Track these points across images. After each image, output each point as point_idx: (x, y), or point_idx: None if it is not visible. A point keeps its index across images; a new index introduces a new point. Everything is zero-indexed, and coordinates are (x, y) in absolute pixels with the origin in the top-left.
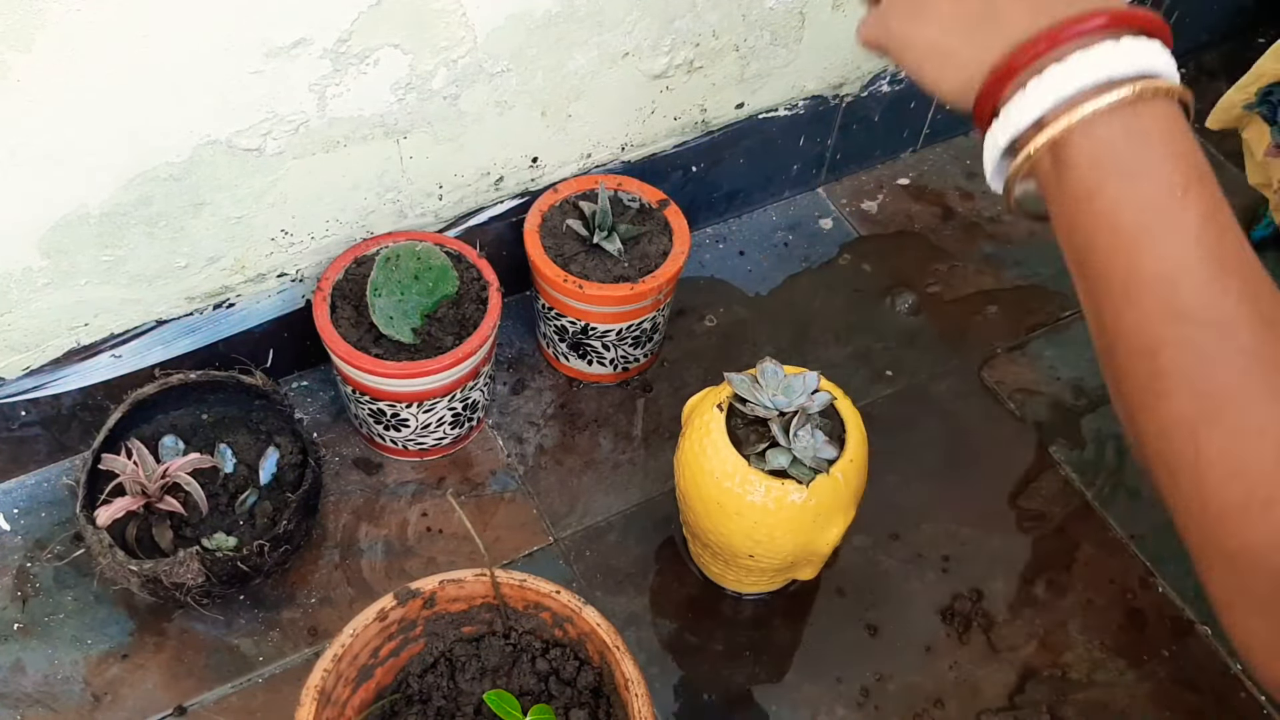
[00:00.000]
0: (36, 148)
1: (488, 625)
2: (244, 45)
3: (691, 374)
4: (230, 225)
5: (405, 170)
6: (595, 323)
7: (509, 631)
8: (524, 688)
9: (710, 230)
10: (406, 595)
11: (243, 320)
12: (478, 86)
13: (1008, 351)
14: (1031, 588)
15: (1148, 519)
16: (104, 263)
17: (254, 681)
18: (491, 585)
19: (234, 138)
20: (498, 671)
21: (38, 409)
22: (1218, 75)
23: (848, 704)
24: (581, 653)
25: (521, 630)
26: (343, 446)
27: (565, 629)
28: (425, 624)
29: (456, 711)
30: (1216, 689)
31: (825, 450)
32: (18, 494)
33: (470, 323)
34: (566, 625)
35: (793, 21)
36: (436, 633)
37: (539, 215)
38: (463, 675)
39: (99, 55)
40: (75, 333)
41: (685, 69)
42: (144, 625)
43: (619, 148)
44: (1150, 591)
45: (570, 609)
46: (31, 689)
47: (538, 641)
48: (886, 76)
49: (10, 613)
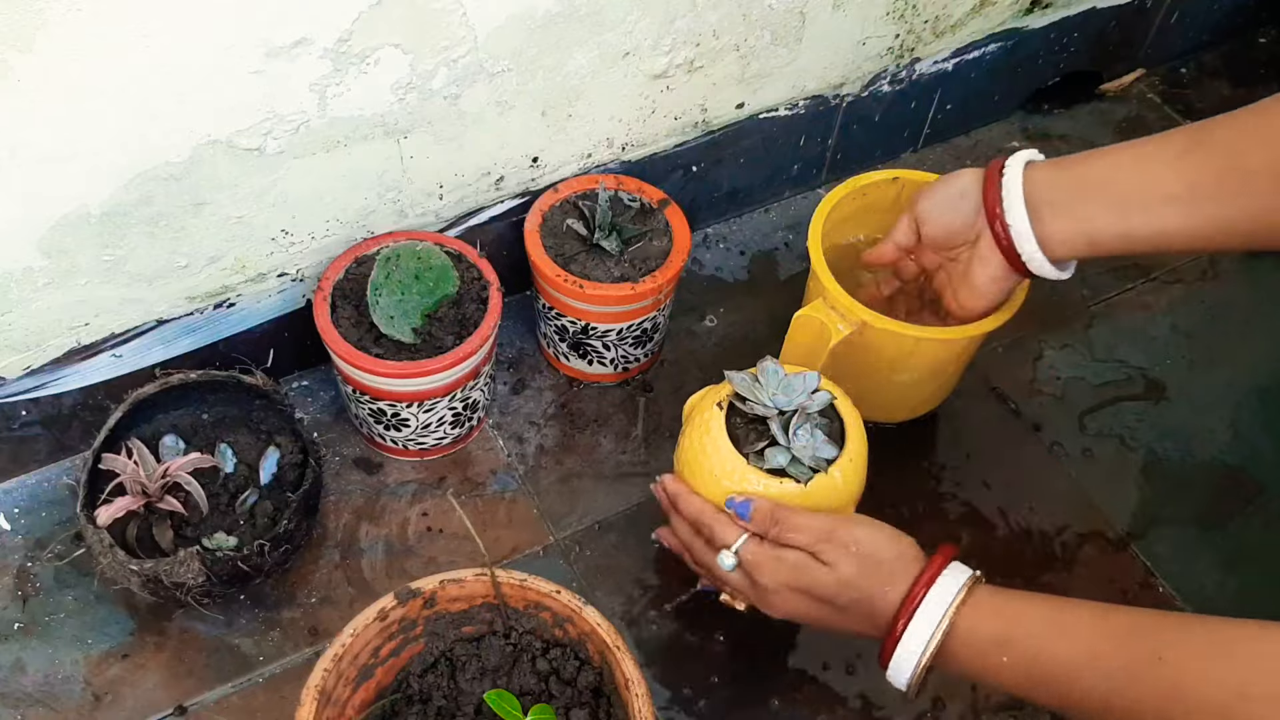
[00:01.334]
0: (37, 148)
1: (488, 625)
2: (244, 45)
3: (692, 374)
4: (231, 225)
5: (406, 170)
6: (596, 322)
7: (509, 631)
8: (524, 687)
9: (711, 230)
10: (407, 595)
11: (243, 320)
12: (478, 86)
13: (1008, 350)
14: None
15: (1148, 519)
16: (104, 262)
17: (254, 681)
18: (492, 585)
19: (234, 137)
20: (498, 671)
21: (38, 409)
22: (1218, 75)
23: (848, 703)
24: (582, 652)
25: (522, 630)
26: (343, 446)
27: (566, 629)
28: (425, 623)
29: (457, 711)
30: None
31: (824, 449)
32: (18, 494)
33: (470, 322)
34: (567, 625)
35: (793, 21)
36: (437, 632)
37: (539, 215)
38: (463, 675)
39: (99, 55)
40: (76, 332)
41: (686, 69)
42: (144, 625)
43: (619, 147)
44: (1150, 591)
45: (570, 609)
46: (32, 688)
47: (538, 641)
48: (887, 77)
49: (10, 612)
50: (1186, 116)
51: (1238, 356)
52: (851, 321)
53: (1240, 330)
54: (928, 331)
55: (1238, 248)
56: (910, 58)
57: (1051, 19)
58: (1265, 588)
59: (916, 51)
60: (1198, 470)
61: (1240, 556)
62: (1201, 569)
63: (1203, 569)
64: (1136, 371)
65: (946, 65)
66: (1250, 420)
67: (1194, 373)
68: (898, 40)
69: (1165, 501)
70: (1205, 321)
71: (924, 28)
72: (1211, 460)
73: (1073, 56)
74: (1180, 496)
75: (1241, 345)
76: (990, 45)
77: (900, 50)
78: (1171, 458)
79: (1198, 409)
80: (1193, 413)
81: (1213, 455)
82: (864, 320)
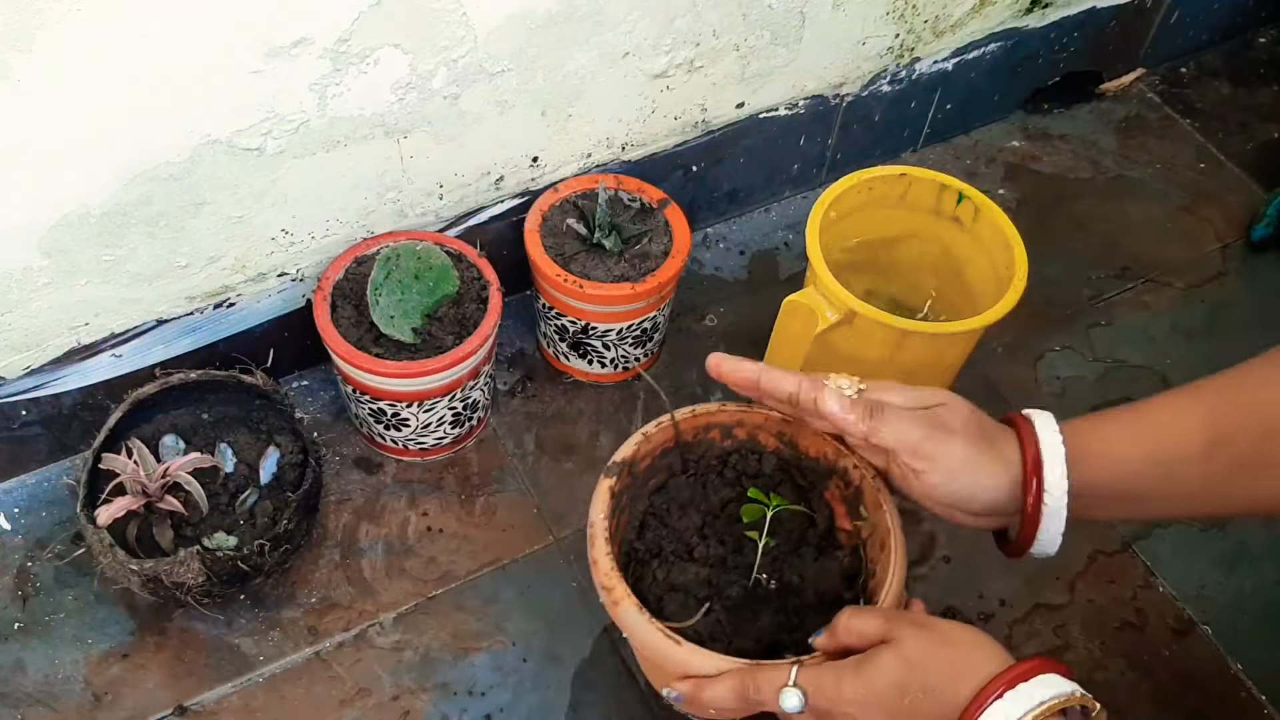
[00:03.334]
0: (37, 148)
1: (668, 470)
2: (244, 45)
3: (691, 374)
4: (231, 225)
5: (406, 170)
6: (595, 322)
7: (686, 465)
8: (724, 498)
9: (711, 230)
10: (616, 468)
11: (243, 320)
12: (478, 86)
13: (1008, 350)
14: (1030, 588)
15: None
16: (104, 262)
17: (254, 681)
18: (673, 429)
19: (234, 137)
20: (692, 504)
21: (38, 408)
22: (1218, 75)
23: None
24: (755, 446)
25: (695, 458)
26: (343, 446)
27: (735, 434)
28: (626, 492)
29: (689, 550)
30: (1217, 689)
31: None
32: (18, 494)
33: (470, 322)
34: (735, 430)
35: (793, 21)
36: (636, 496)
37: (539, 215)
38: (670, 519)
39: (99, 55)
40: (76, 332)
41: (685, 68)
42: (144, 625)
43: (619, 147)
44: (1150, 591)
45: (738, 414)
46: (32, 688)
47: (713, 459)
48: (886, 76)
49: (11, 612)
50: (1186, 116)
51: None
52: (839, 308)
53: (1240, 330)
54: (916, 325)
55: None
56: (910, 57)
57: (1051, 19)
58: (1265, 588)
59: (916, 51)
60: None
61: (1240, 556)
62: (1201, 569)
63: (1203, 569)
64: (1136, 371)
65: (946, 65)
66: None
67: (1194, 373)
68: (897, 40)
69: None
70: (1205, 321)
71: (924, 27)
72: None
73: (1073, 56)
74: None
75: (1242, 345)
76: (990, 45)
77: (900, 50)
78: None
79: None
80: None
81: None
82: (852, 309)
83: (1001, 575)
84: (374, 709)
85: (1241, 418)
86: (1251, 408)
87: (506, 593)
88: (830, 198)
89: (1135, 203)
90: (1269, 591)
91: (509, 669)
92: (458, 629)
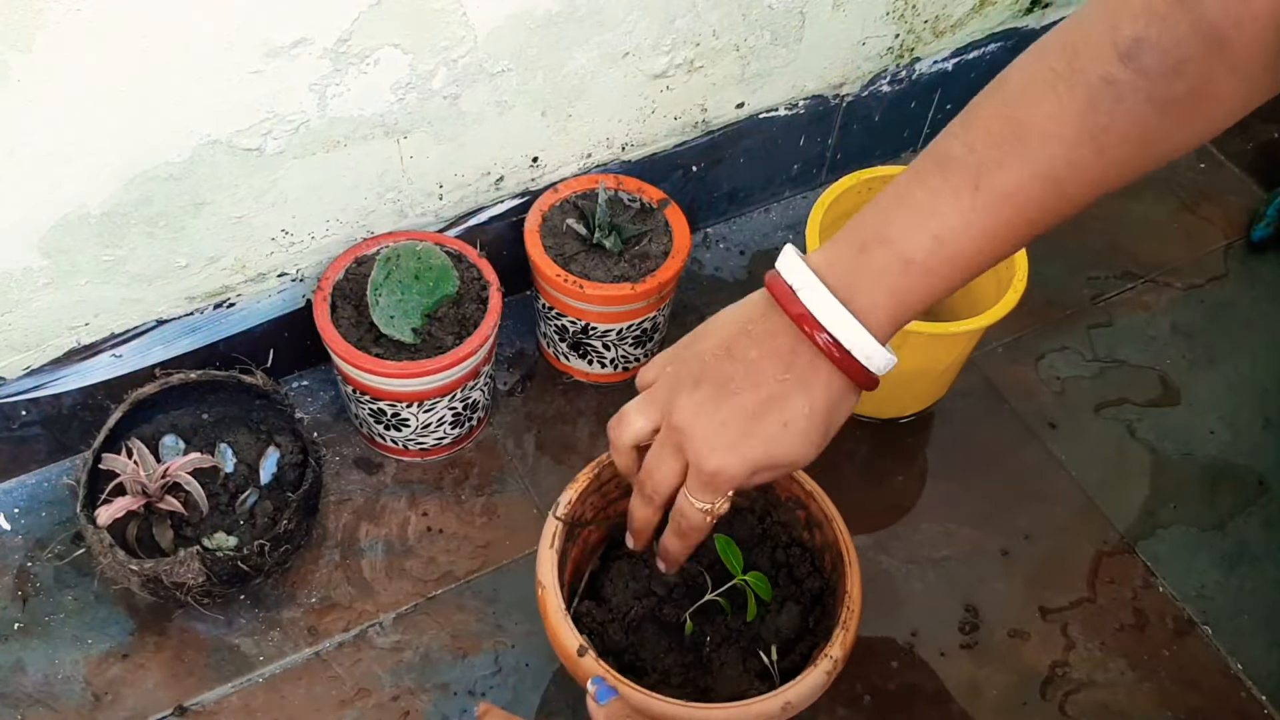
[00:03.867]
0: (36, 147)
1: (749, 500)
2: (244, 45)
3: None
4: (230, 225)
5: (405, 170)
6: (595, 322)
7: (765, 516)
8: (759, 565)
9: (711, 230)
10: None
11: (243, 320)
12: (478, 86)
13: (1008, 350)
14: (1034, 587)
15: (1149, 519)
16: (104, 262)
17: (254, 681)
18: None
19: (234, 137)
20: (744, 543)
21: (38, 409)
22: None
23: (849, 702)
24: (819, 560)
25: (776, 520)
26: (343, 446)
27: (814, 533)
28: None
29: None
30: (1217, 689)
31: None
32: (18, 494)
33: (470, 322)
34: (816, 531)
35: (793, 21)
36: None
37: (539, 215)
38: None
39: (99, 55)
40: (75, 332)
41: (685, 68)
42: (144, 625)
43: (619, 147)
44: (1150, 591)
45: (825, 515)
46: (32, 689)
47: (785, 535)
48: (886, 76)
49: (10, 612)
50: None
51: (1238, 356)
52: None
53: (1240, 330)
54: (916, 325)
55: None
56: (910, 58)
57: (1051, 19)
58: (1265, 588)
59: (916, 51)
60: (1198, 470)
61: (1240, 556)
62: (1201, 569)
63: (1203, 569)
64: (1136, 371)
65: (946, 65)
66: (1250, 420)
67: (1194, 373)
68: (898, 40)
69: (1165, 501)
70: (1205, 321)
71: (924, 28)
72: (1211, 460)
73: None
74: (1180, 496)
75: (1241, 345)
76: (990, 45)
77: (900, 50)
78: (1171, 458)
79: (1198, 409)
80: (1193, 413)
81: (1213, 455)
82: None
83: (1002, 576)
84: (374, 709)
85: None
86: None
87: (506, 593)
88: (830, 198)
89: (1135, 203)
90: (1269, 591)
91: (509, 669)
92: (458, 629)
